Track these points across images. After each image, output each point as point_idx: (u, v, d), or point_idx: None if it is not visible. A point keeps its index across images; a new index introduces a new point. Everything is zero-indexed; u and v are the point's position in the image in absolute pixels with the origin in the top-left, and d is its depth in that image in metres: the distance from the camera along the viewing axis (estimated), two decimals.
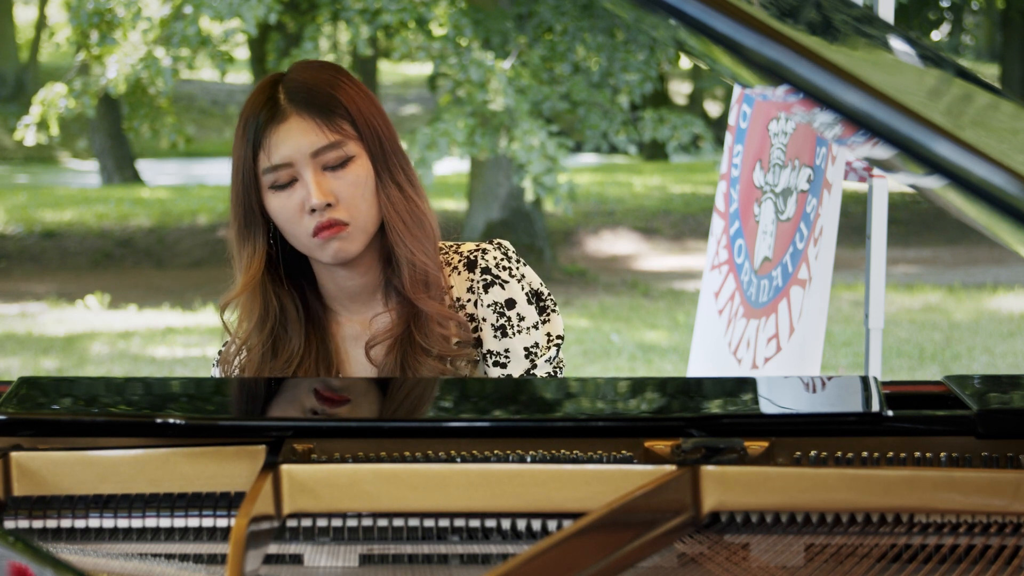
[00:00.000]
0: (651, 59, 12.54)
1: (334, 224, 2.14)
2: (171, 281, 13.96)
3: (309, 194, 2.13)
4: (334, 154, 2.15)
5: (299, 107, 2.14)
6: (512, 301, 2.24)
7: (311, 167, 2.14)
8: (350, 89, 2.18)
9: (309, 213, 2.14)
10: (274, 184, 2.16)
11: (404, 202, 2.19)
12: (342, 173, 2.15)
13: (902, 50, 1.81)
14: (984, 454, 1.74)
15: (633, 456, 1.73)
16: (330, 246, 2.15)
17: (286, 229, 2.18)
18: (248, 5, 10.94)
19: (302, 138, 2.14)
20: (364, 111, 2.18)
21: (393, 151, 2.20)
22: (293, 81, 2.17)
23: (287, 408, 2.00)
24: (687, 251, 15.45)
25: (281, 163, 2.14)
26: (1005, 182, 1.46)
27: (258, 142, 2.15)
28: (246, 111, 2.18)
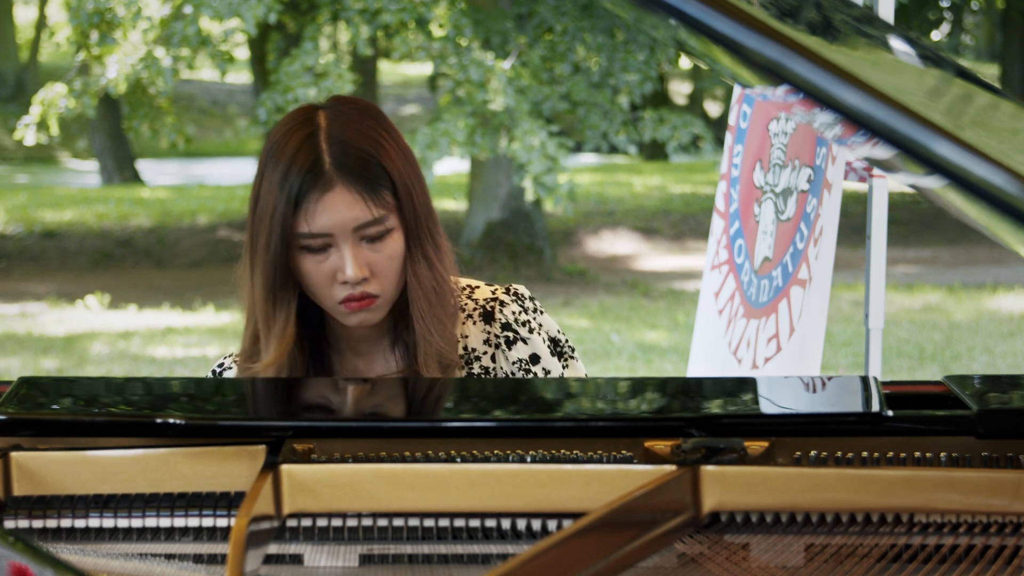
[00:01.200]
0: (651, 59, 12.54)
1: (365, 297, 2.10)
2: (171, 281, 13.96)
3: (344, 267, 2.07)
4: (376, 229, 2.08)
5: (345, 177, 2.07)
6: (536, 356, 2.23)
7: (350, 240, 2.08)
8: (393, 152, 2.11)
9: (340, 283, 2.09)
10: (308, 247, 2.09)
11: (431, 278, 2.15)
12: (380, 246, 2.10)
13: (902, 50, 1.81)
14: (984, 454, 1.74)
15: (633, 456, 1.73)
16: (356, 316, 2.12)
17: (312, 290, 2.12)
18: (248, 5, 10.94)
19: (347, 212, 2.06)
20: (407, 180, 2.11)
21: (426, 218, 2.14)
22: (339, 142, 2.08)
23: (287, 408, 2.00)
24: (687, 251, 15.46)
25: (319, 232, 2.07)
26: (1005, 182, 1.46)
27: (299, 204, 2.06)
28: (284, 157, 2.08)
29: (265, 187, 2.10)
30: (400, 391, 2.04)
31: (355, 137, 2.09)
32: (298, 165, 2.07)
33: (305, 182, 2.06)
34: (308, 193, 2.06)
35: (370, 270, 2.09)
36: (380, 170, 2.09)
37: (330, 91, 11.50)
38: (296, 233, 2.08)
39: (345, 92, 11.71)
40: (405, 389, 2.05)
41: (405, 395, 2.02)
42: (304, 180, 2.06)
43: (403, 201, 2.11)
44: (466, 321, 2.24)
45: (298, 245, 2.09)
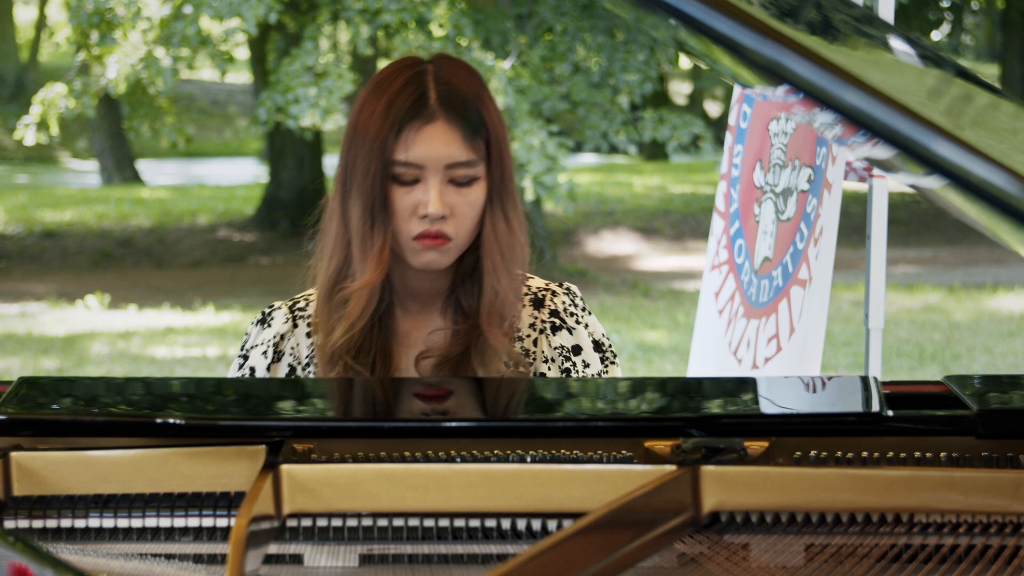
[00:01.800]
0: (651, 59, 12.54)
1: (440, 236, 2.13)
2: (171, 281, 13.96)
3: (428, 201, 2.11)
4: (465, 172, 2.14)
5: (448, 114, 2.13)
6: (579, 347, 2.26)
7: (439, 176, 2.12)
8: (492, 109, 2.17)
9: (420, 217, 2.13)
10: (398, 176, 2.14)
11: (508, 235, 2.18)
12: (465, 191, 2.14)
13: (902, 50, 1.81)
14: (984, 454, 1.74)
15: (633, 456, 1.73)
16: (426, 255, 2.14)
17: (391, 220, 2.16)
18: (248, 4, 10.94)
19: (443, 147, 2.12)
20: (499, 136, 2.17)
21: (510, 180, 2.20)
22: (445, 82, 2.15)
23: (287, 408, 2.00)
24: (687, 251, 15.46)
25: (414, 162, 2.12)
26: (1005, 182, 1.46)
27: (400, 131, 2.12)
28: (390, 90, 2.14)
29: (365, 116, 2.15)
30: (400, 391, 2.04)
31: (461, 84, 2.16)
32: (404, 95, 2.13)
33: (409, 111, 2.12)
34: (411, 122, 2.12)
35: (451, 211, 2.13)
36: (479, 119, 2.15)
37: (330, 91, 11.52)
38: (391, 160, 2.13)
39: (345, 92, 11.73)
40: (405, 389, 2.05)
41: (405, 395, 2.02)
42: (409, 109, 2.12)
43: (493, 156, 2.17)
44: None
45: (390, 173, 2.14)
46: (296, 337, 2.26)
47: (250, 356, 2.26)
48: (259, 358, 2.25)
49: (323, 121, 11.73)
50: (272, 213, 16.52)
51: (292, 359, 2.25)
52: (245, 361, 2.26)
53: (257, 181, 20.74)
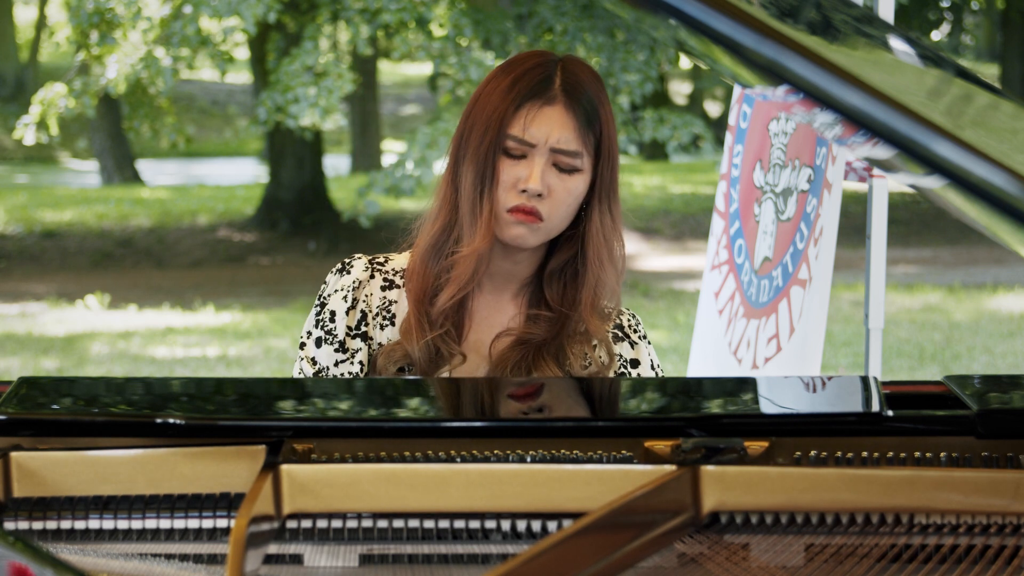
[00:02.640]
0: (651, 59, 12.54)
1: (533, 212, 2.20)
2: (171, 281, 13.96)
3: (530, 176, 2.19)
4: (570, 160, 2.21)
5: (569, 100, 2.21)
6: (636, 361, 2.32)
7: (546, 156, 2.20)
8: (608, 113, 2.25)
9: (519, 191, 2.19)
10: (508, 150, 2.21)
11: (613, 231, 2.27)
12: (566, 178, 2.21)
13: (902, 50, 1.81)
14: (984, 454, 1.74)
15: (633, 456, 1.73)
16: (516, 229, 2.21)
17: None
18: (247, 4, 10.94)
19: (558, 130, 2.20)
20: (611, 138, 2.25)
21: (615, 185, 2.28)
22: (572, 73, 2.23)
23: (287, 408, 2.00)
24: (687, 251, 15.46)
25: (527, 140, 2.20)
26: (1005, 182, 1.46)
27: (520, 107, 2.20)
28: (516, 74, 2.22)
29: (489, 90, 2.24)
30: (401, 391, 2.04)
31: (586, 81, 2.24)
32: (530, 76, 2.22)
33: (533, 90, 2.21)
34: (532, 100, 2.20)
35: (548, 191, 2.20)
36: (596, 117, 2.23)
37: (330, 91, 11.51)
38: (508, 132, 2.20)
39: (345, 92, 11.73)
40: (406, 389, 2.05)
41: (405, 395, 2.02)
42: (532, 88, 2.21)
43: (603, 154, 2.24)
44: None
45: (503, 145, 2.21)
46: (371, 287, 2.30)
47: (329, 301, 2.29)
48: (339, 302, 2.29)
49: (323, 121, 11.73)
50: (272, 213, 16.52)
51: (365, 306, 2.29)
52: (323, 308, 2.29)
53: (257, 181, 20.75)
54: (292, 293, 13.01)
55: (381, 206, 13.35)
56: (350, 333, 2.27)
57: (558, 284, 2.28)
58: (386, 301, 2.29)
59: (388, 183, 11.58)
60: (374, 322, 2.27)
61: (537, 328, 2.26)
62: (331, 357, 2.26)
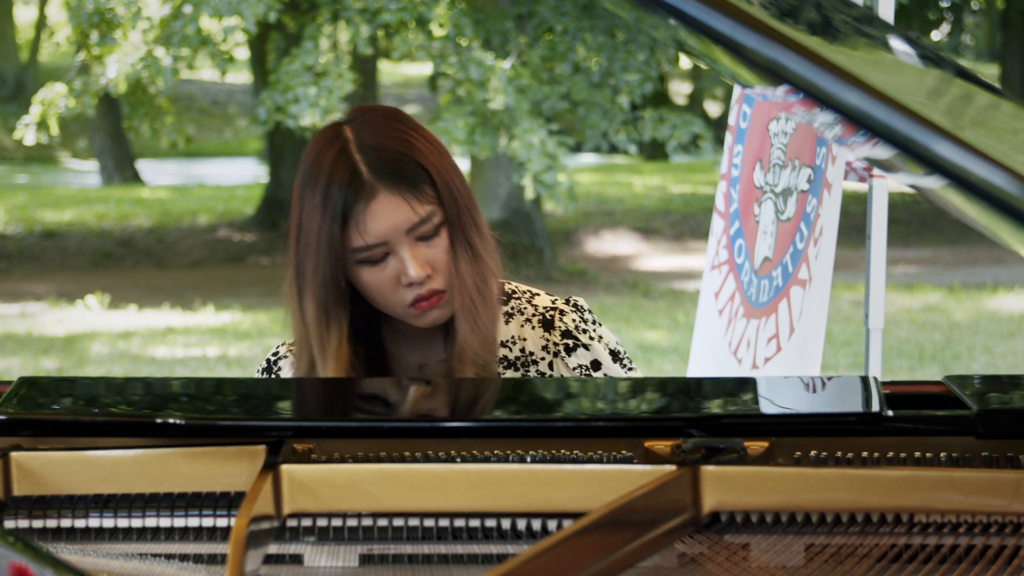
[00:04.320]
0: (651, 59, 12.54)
1: (434, 295, 2.11)
2: (171, 281, 13.96)
3: (406, 269, 2.09)
4: (427, 227, 2.10)
5: (385, 182, 2.08)
6: (597, 363, 2.24)
7: (406, 243, 2.09)
8: (424, 148, 2.13)
9: (406, 287, 2.11)
10: (366, 260, 2.10)
11: (473, 273, 2.16)
12: (435, 242, 2.12)
13: (902, 50, 1.81)
14: (984, 454, 1.74)
15: (633, 456, 1.73)
16: (428, 316, 2.13)
17: (378, 300, 2.13)
18: (247, 3, 10.94)
19: (397, 217, 2.08)
20: (443, 173, 2.13)
21: (468, 207, 2.16)
22: (371, 149, 2.10)
23: (287, 408, 2.00)
24: (687, 251, 15.46)
25: (375, 243, 2.09)
26: (1005, 182, 1.46)
27: (346, 221, 2.08)
28: (321, 178, 2.09)
29: (307, 211, 2.11)
30: (401, 391, 2.04)
31: (385, 140, 2.11)
32: (337, 181, 2.08)
33: (348, 196, 2.08)
34: (354, 206, 2.08)
35: (431, 267, 2.11)
36: (416, 167, 2.10)
37: (330, 91, 11.51)
38: (352, 249, 2.09)
39: (345, 92, 11.72)
40: (406, 389, 2.05)
41: (405, 395, 2.02)
42: (347, 195, 2.08)
43: (443, 194, 2.12)
44: (524, 325, 2.25)
45: (355, 261, 2.10)
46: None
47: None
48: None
49: (322, 120, 11.73)
50: (272, 213, 16.52)
51: None
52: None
53: (257, 181, 20.76)
54: None
55: None
56: None
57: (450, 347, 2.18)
58: None
59: None
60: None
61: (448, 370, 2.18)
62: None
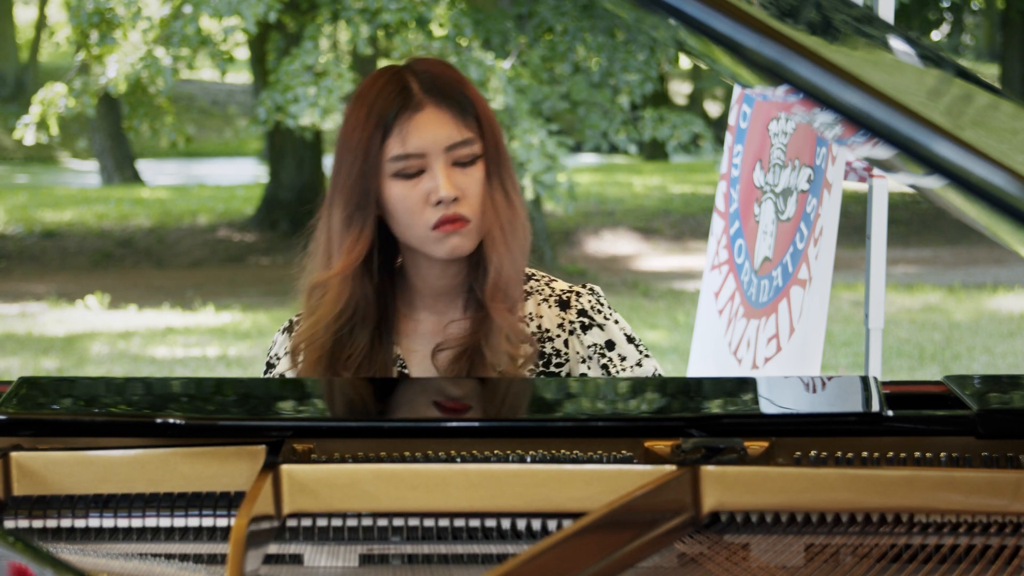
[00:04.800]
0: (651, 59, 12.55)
1: (458, 219, 2.12)
2: (171, 281, 13.96)
3: (438, 186, 2.11)
4: (466, 151, 2.14)
5: (435, 99, 2.13)
6: (612, 343, 2.24)
7: (443, 160, 2.13)
8: (474, 90, 2.19)
9: (434, 205, 2.12)
10: (401, 172, 2.13)
11: (507, 209, 2.17)
12: (470, 170, 2.14)
13: (902, 50, 1.81)
14: (984, 454, 1.74)
15: (633, 456, 1.73)
16: (449, 241, 2.13)
17: (403, 219, 2.15)
18: (247, 3, 10.94)
19: (439, 130, 2.13)
20: (487, 113, 2.18)
21: (504, 157, 2.20)
22: (424, 72, 2.16)
23: (287, 408, 2.00)
24: (687, 251, 15.46)
25: (415, 152, 2.12)
26: (1005, 182, 1.46)
27: (389, 128, 2.12)
28: (370, 96, 2.14)
29: (351, 124, 2.15)
30: (401, 391, 2.04)
31: (441, 71, 2.18)
32: (386, 94, 2.14)
33: (395, 107, 2.12)
34: (399, 115, 2.12)
35: (461, 192, 2.13)
36: (466, 98, 2.16)
37: (330, 91, 11.51)
38: (390, 158, 2.12)
39: (345, 92, 11.72)
40: (406, 389, 2.05)
41: (405, 395, 2.02)
42: (394, 105, 2.12)
43: (486, 132, 2.17)
44: (541, 304, 2.26)
45: (390, 172, 2.13)
46: None
47: (278, 364, 2.27)
48: (287, 364, 2.24)
49: (322, 120, 11.73)
50: (272, 213, 16.53)
51: None
52: (271, 370, 2.28)
53: (257, 181, 20.75)
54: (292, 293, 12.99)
55: None
56: None
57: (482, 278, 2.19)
58: None
59: None
60: None
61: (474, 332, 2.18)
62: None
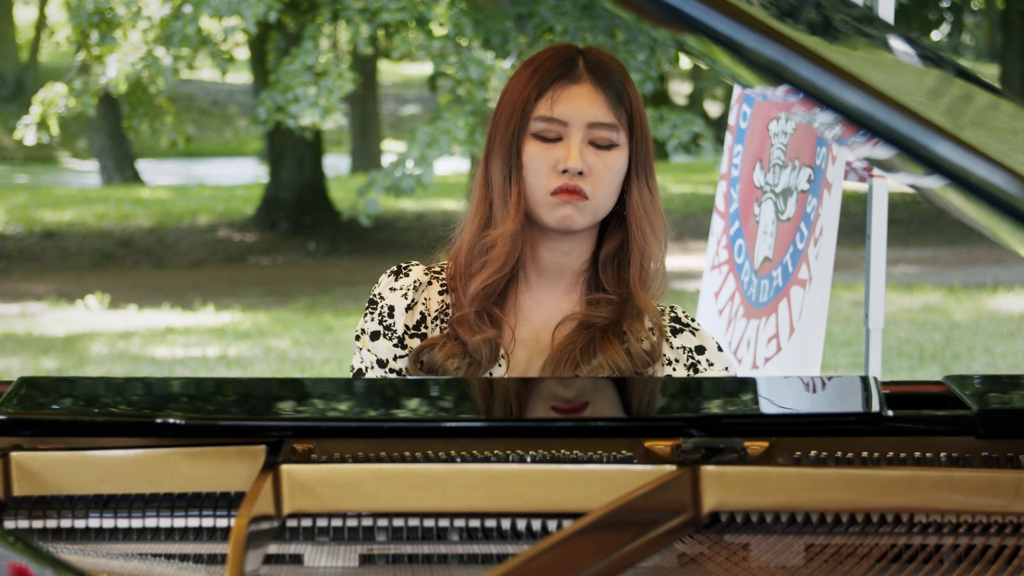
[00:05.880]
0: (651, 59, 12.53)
1: (577, 191, 2.19)
2: (171, 281, 13.96)
3: (568, 155, 2.19)
4: (606, 134, 2.21)
5: (596, 78, 2.22)
6: (702, 347, 2.30)
7: (581, 134, 2.20)
8: (635, 92, 2.26)
9: (560, 173, 2.19)
10: (540, 134, 2.21)
11: (652, 204, 2.26)
12: (604, 154, 2.21)
13: (902, 50, 1.81)
14: (984, 454, 1.74)
15: (633, 456, 1.73)
16: (562, 210, 2.20)
17: (529, 178, 2.22)
18: (247, 3, 10.94)
19: (589, 105, 2.20)
20: (641, 113, 2.25)
21: (650, 161, 2.28)
22: (593, 55, 2.25)
23: (287, 408, 2.00)
24: (687, 251, 15.45)
25: (559, 118, 2.20)
26: (1005, 182, 1.46)
27: (545, 90, 2.21)
28: (537, 63, 2.24)
29: (513, 83, 2.26)
30: (401, 391, 2.04)
31: (608, 62, 2.26)
32: (552, 63, 2.23)
33: (556, 72, 2.22)
34: (557, 81, 2.22)
35: (589, 169, 2.20)
36: (624, 91, 2.24)
37: (330, 91, 11.52)
38: (535, 116, 2.21)
39: (345, 91, 11.73)
40: (405, 389, 2.05)
41: (405, 395, 2.02)
42: (556, 71, 2.22)
43: (636, 131, 2.25)
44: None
45: (532, 131, 2.21)
46: (430, 291, 2.30)
47: (388, 297, 2.29)
48: (399, 299, 2.29)
49: (323, 120, 11.73)
50: (272, 213, 16.53)
51: (424, 308, 2.29)
52: (377, 305, 2.29)
53: (257, 181, 20.76)
54: (292, 293, 13.01)
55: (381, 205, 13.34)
56: (408, 332, 2.27)
57: (612, 268, 2.27)
58: (444, 305, 2.29)
59: (388, 182, 11.58)
60: (432, 325, 2.27)
61: (599, 311, 2.24)
62: (389, 351, 2.26)
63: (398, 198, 12.82)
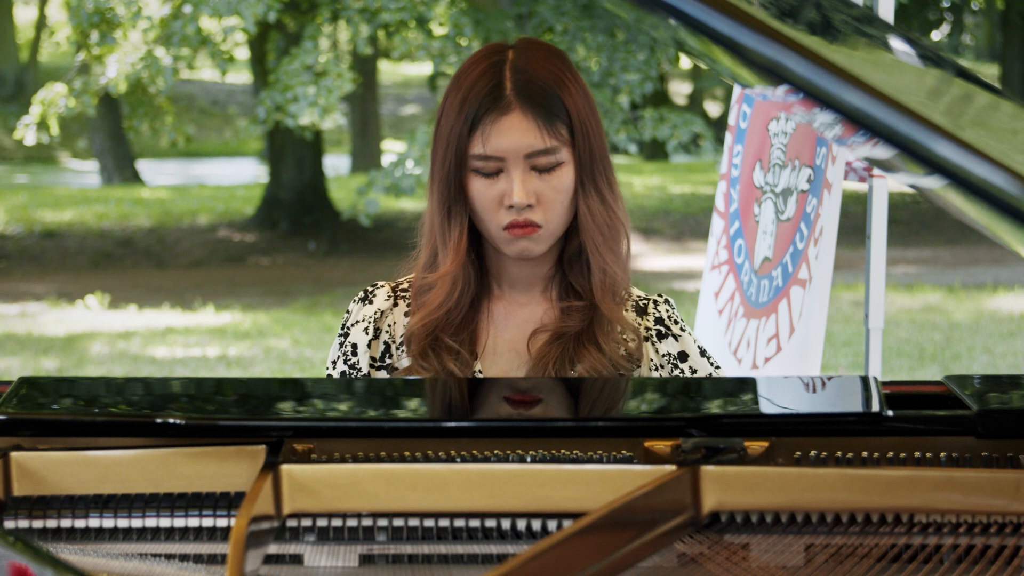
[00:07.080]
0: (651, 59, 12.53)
1: (528, 224, 2.16)
2: (171, 281, 13.96)
3: (512, 191, 2.14)
4: (546, 159, 2.15)
5: (524, 103, 2.14)
6: (685, 354, 2.27)
7: (520, 166, 2.15)
8: (573, 89, 2.18)
9: (506, 208, 2.16)
10: (479, 170, 2.16)
11: (603, 212, 2.20)
12: (548, 177, 2.16)
13: (902, 50, 1.81)
14: (984, 454, 1.74)
15: (633, 456, 1.73)
16: (518, 244, 2.17)
17: (478, 214, 2.19)
18: (247, 3, 10.94)
19: (520, 138, 2.14)
20: (583, 117, 2.18)
21: (601, 158, 2.21)
22: (521, 71, 2.16)
23: (287, 408, 2.00)
24: (687, 251, 15.46)
25: (493, 155, 2.15)
26: (1005, 182, 1.46)
27: (476, 125, 2.15)
28: (467, 83, 2.17)
29: (446, 111, 2.19)
30: (400, 391, 2.04)
31: (539, 70, 2.17)
32: (479, 88, 2.16)
33: (484, 104, 2.15)
34: (486, 115, 2.15)
35: (536, 198, 2.16)
36: (559, 103, 2.16)
37: (329, 90, 11.52)
38: (470, 154, 2.16)
39: (345, 91, 11.73)
40: (405, 389, 2.05)
41: (404, 395, 2.02)
42: (483, 102, 2.15)
43: (578, 138, 2.18)
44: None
45: (471, 167, 2.17)
46: (394, 316, 2.28)
47: (351, 333, 2.27)
48: (360, 334, 2.27)
49: (322, 120, 11.73)
50: (272, 213, 16.53)
51: (388, 337, 2.27)
52: (345, 339, 2.28)
53: (257, 181, 20.76)
54: (292, 293, 13.01)
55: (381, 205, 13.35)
56: (374, 365, 2.25)
57: (579, 266, 2.23)
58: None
59: (388, 182, 11.59)
60: (398, 352, 2.25)
61: (571, 319, 2.22)
62: None
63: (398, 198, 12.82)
